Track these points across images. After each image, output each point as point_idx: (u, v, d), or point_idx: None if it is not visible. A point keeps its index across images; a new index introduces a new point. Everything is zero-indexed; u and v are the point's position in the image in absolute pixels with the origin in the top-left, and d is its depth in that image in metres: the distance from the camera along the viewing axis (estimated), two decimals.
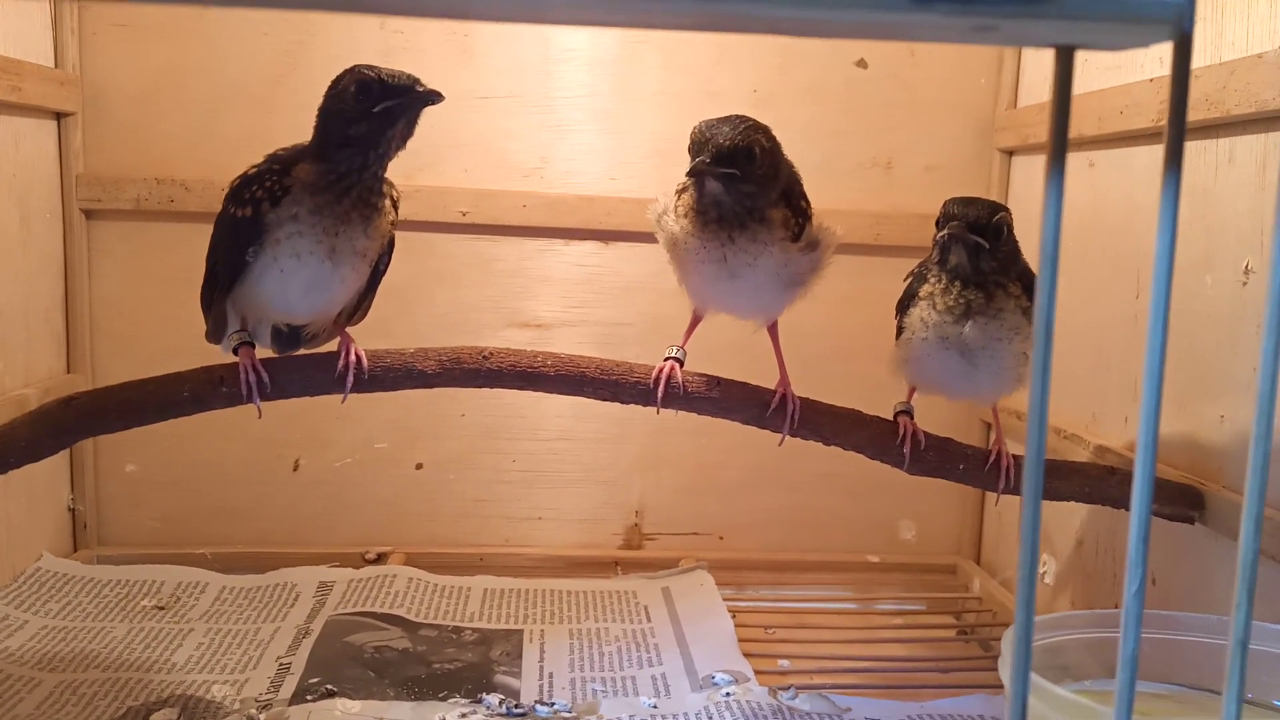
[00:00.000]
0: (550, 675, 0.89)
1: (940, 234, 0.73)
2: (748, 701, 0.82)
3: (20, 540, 1.03)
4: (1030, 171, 1.10)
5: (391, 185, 0.72)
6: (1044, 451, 0.34)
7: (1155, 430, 0.31)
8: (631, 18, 0.27)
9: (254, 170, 0.70)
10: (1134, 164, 0.90)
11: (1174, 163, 0.29)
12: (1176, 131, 0.28)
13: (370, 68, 0.67)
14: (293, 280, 0.68)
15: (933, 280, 0.75)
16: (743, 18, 0.26)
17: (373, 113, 0.66)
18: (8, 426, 0.68)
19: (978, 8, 0.25)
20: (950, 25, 0.26)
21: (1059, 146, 0.29)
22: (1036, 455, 0.33)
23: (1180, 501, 0.76)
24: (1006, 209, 0.75)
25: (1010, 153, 1.14)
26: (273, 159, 0.70)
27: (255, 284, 0.69)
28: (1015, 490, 0.76)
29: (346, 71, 0.68)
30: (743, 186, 0.71)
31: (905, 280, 0.80)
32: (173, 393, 0.68)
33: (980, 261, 0.73)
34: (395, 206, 0.73)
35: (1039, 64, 1.11)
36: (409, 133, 0.69)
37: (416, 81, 0.68)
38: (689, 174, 0.71)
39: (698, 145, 0.71)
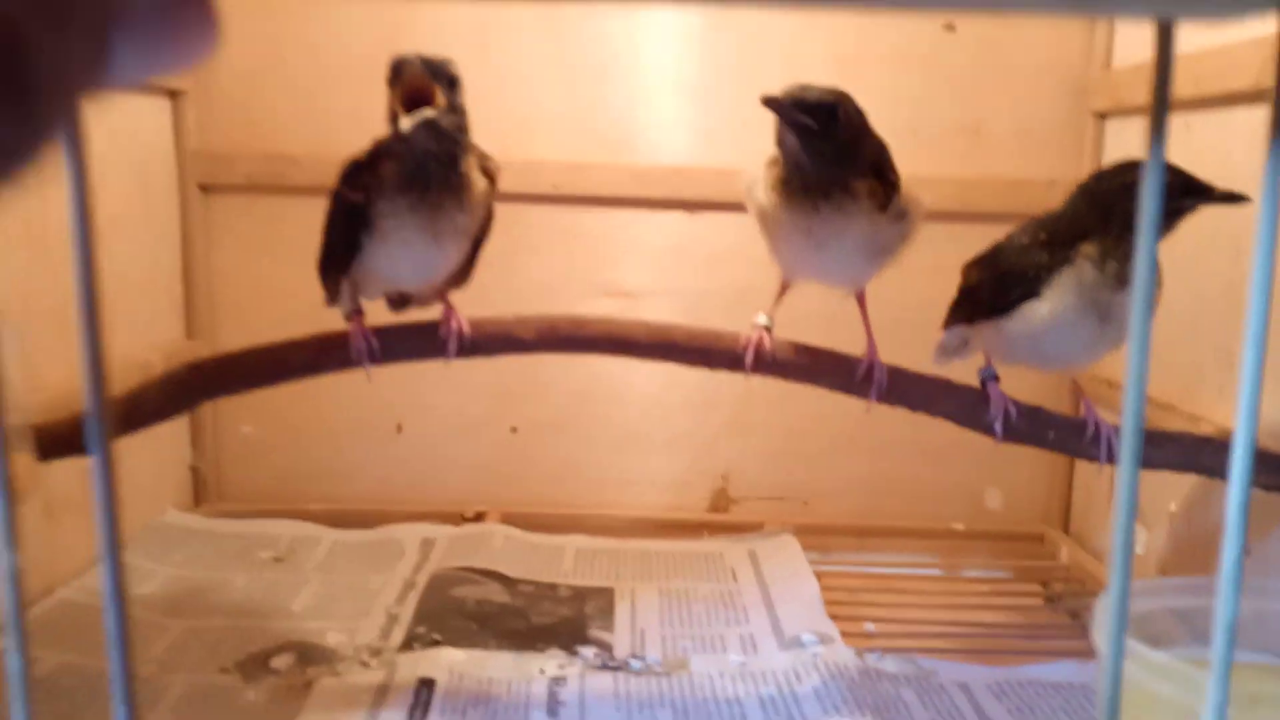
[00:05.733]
0: (642, 631, 0.92)
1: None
2: (834, 661, 0.84)
3: (146, 496, 1.11)
4: (1125, 135, 1.08)
5: (488, 158, 0.75)
6: (1143, 410, 0.35)
7: (1257, 387, 0.32)
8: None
9: (362, 158, 0.73)
10: (1233, 126, 0.88)
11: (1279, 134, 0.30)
12: None
13: (397, 61, 0.68)
14: (401, 260, 0.72)
15: (1095, 242, 0.73)
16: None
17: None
18: (139, 389, 0.74)
19: None
20: (1047, 2, 0.27)
21: (1159, 122, 0.30)
22: (1135, 415, 0.35)
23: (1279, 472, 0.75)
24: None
25: (1104, 116, 1.12)
26: (375, 149, 0.73)
27: (368, 261, 0.73)
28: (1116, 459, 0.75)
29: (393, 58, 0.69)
30: (820, 146, 0.71)
31: (1018, 244, 0.77)
32: (292, 357, 0.73)
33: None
34: (491, 178, 0.76)
35: (1134, 23, 1.09)
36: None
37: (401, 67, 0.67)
38: (764, 99, 0.71)
39: (783, 96, 0.72)
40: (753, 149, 0.80)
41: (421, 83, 0.66)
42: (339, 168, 0.75)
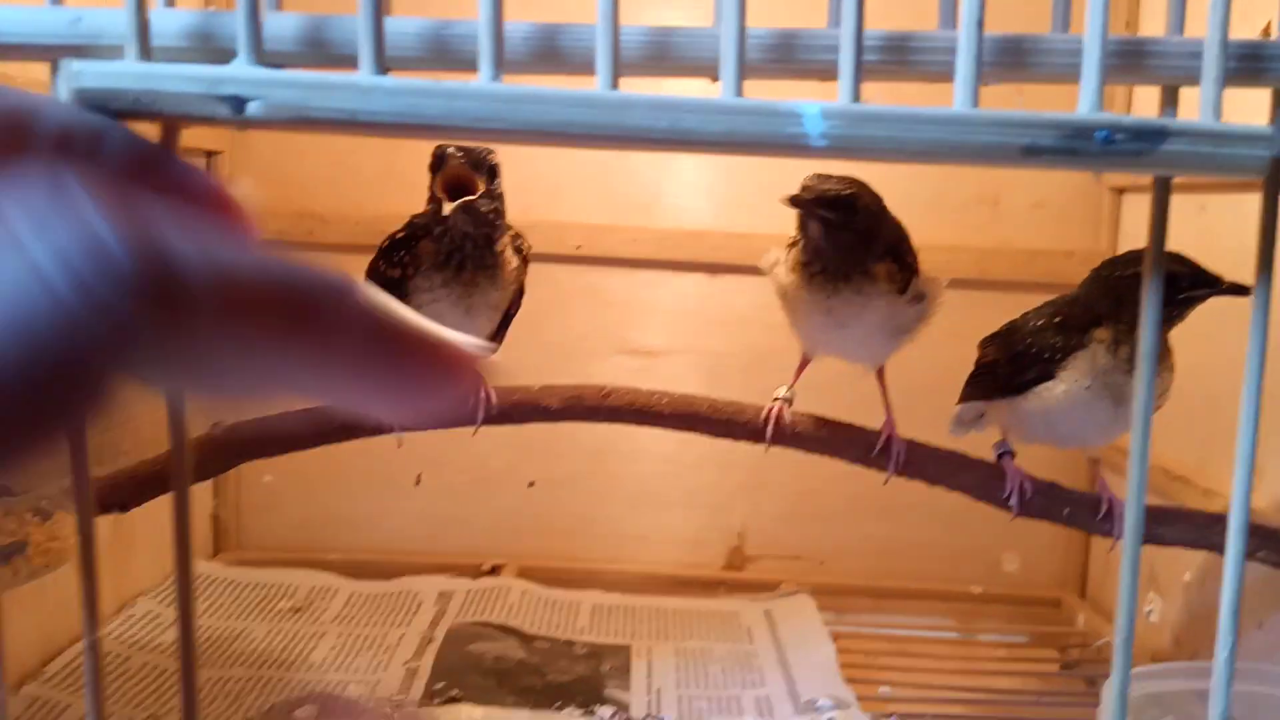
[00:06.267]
0: (658, 691, 0.93)
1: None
2: None
3: (168, 544, 1.12)
4: (1141, 210, 1.10)
5: (521, 237, 0.78)
6: (1141, 533, 0.36)
7: (1246, 512, 0.34)
8: (784, 152, 0.31)
9: (400, 235, 0.76)
10: (1247, 208, 0.89)
11: (1264, 278, 0.31)
12: (1266, 257, 0.30)
13: (438, 147, 0.71)
14: None
15: (1109, 327, 0.75)
16: (880, 156, 0.30)
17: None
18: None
19: (1081, 159, 0.28)
20: (1056, 168, 0.29)
21: (1158, 264, 0.32)
22: (1135, 532, 0.36)
23: None
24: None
25: (1121, 191, 1.14)
26: (411, 226, 0.76)
27: None
28: None
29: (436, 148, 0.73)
30: (840, 235, 0.74)
31: (1032, 325, 0.80)
32: (326, 423, 0.75)
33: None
34: (524, 257, 0.78)
35: (1150, 100, 1.11)
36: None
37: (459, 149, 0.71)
38: (788, 201, 0.75)
39: (804, 191, 0.75)
40: (773, 215, 0.82)
41: (463, 173, 0.69)
42: (378, 241, 0.77)
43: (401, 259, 0.73)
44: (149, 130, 0.30)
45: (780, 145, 0.30)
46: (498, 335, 0.83)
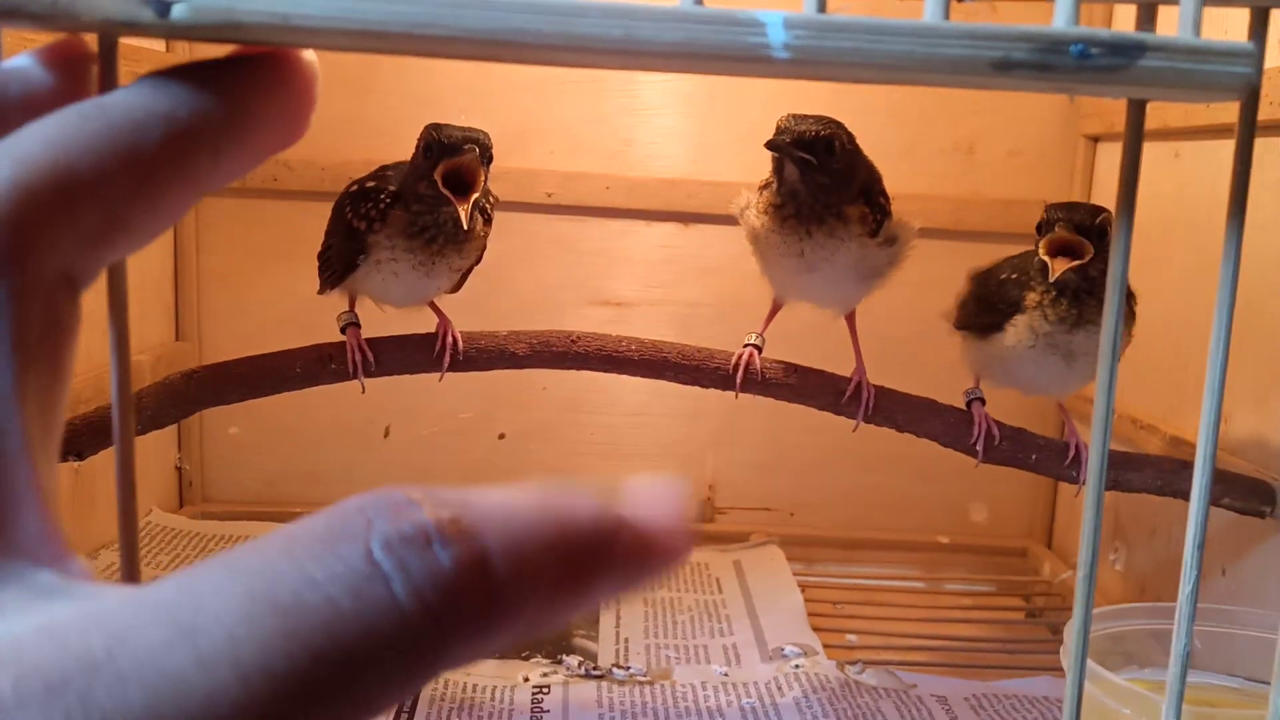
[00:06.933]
0: (626, 640, 0.93)
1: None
2: (816, 674, 0.85)
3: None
4: (1116, 159, 1.09)
5: (488, 193, 0.76)
6: (1105, 470, 0.36)
7: (1213, 448, 0.33)
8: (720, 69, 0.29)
9: (370, 184, 0.74)
10: (1221, 156, 0.89)
11: (1237, 212, 0.31)
12: (1241, 181, 0.30)
13: (437, 128, 0.70)
14: (393, 286, 0.74)
15: (1039, 290, 0.76)
16: (846, 71, 0.29)
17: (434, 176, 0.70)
18: (133, 396, 0.74)
19: (1055, 75, 0.27)
20: (1029, 86, 0.28)
21: (1129, 194, 0.31)
22: (1099, 469, 0.36)
23: (1252, 496, 0.76)
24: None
25: (1095, 139, 1.14)
26: (383, 179, 0.74)
27: (363, 280, 0.75)
28: None
29: (426, 127, 0.71)
30: (818, 177, 0.73)
31: (999, 277, 0.80)
32: (286, 369, 0.73)
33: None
34: (488, 214, 0.77)
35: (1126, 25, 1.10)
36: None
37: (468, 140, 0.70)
38: (768, 145, 0.74)
39: (780, 133, 0.74)
40: (749, 163, 0.81)
41: (475, 168, 0.68)
42: (345, 184, 0.75)
43: (367, 210, 0.72)
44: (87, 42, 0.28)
45: (741, 56, 0.28)
46: (456, 287, 0.81)
